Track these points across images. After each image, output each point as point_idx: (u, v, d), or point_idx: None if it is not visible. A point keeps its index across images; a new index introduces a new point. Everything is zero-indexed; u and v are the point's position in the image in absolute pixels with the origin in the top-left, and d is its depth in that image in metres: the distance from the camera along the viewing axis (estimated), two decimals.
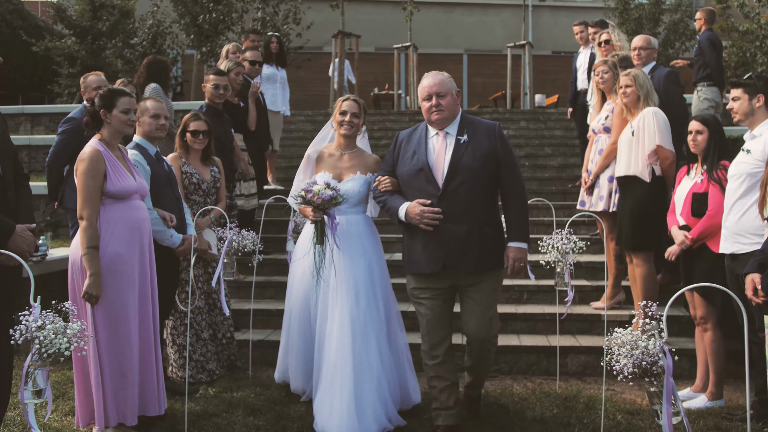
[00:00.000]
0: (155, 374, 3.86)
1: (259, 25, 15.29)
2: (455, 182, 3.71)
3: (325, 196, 3.87)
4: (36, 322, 2.67)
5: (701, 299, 4.34)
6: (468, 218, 3.71)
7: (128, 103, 3.87)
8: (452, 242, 3.71)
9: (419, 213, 3.71)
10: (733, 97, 4.12)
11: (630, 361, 2.54)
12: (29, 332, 2.63)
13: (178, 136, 4.80)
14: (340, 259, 4.06)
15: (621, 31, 16.02)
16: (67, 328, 2.72)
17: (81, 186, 3.68)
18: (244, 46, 7.82)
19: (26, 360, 2.65)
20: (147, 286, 3.87)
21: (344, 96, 4.39)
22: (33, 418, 2.70)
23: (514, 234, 3.80)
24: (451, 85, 3.88)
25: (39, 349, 2.62)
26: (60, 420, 4.02)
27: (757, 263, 2.99)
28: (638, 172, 5.04)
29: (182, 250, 4.30)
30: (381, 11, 22.13)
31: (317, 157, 4.37)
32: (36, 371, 2.62)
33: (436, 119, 3.82)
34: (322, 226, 3.99)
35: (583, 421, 4.07)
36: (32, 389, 2.59)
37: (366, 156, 4.40)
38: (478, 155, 3.75)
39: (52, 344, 2.65)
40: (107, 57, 14.97)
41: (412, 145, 3.91)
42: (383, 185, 3.96)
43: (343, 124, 4.27)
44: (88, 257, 3.53)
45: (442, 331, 3.88)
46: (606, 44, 6.70)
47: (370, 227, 4.30)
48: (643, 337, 2.57)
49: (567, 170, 9.10)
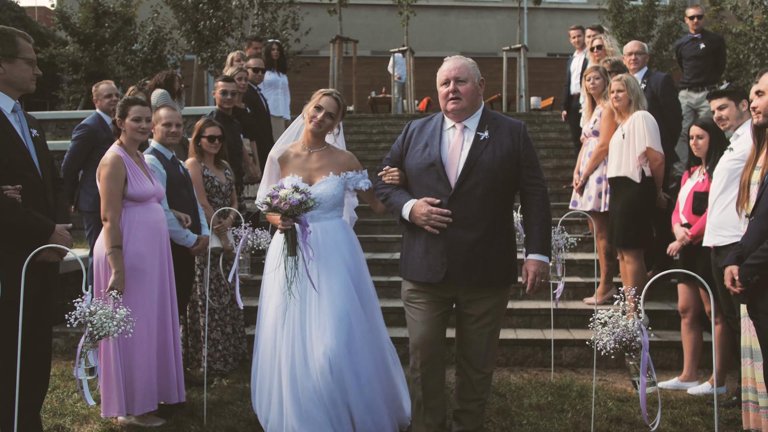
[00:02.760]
0: (174, 365, 4.10)
1: (258, 31, 15.54)
2: (470, 183, 3.30)
3: (294, 201, 3.41)
4: (89, 307, 2.95)
5: (707, 296, 4.55)
6: (480, 225, 3.31)
7: (139, 111, 4.11)
8: (458, 250, 3.31)
9: (426, 213, 3.31)
10: (719, 106, 4.29)
11: (611, 338, 2.87)
12: (83, 317, 2.91)
13: (193, 141, 5.04)
14: (316, 272, 3.63)
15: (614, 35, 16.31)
16: (115, 314, 3.00)
17: (104, 189, 3.93)
18: (247, 53, 8.07)
19: (80, 341, 2.92)
20: (165, 283, 4.12)
21: (327, 89, 3.91)
22: (87, 392, 3.00)
23: (535, 245, 3.36)
24: (474, 72, 3.44)
25: (91, 332, 2.91)
26: (86, 407, 4.27)
27: (734, 256, 3.24)
28: (629, 173, 5.30)
29: (197, 249, 4.56)
30: (377, 15, 22.39)
31: (281, 159, 3.89)
32: (88, 351, 2.90)
33: (452, 108, 3.38)
34: (293, 235, 3.54)
35: (576, 407, 4.33)
36: (85, 367, 2.88)
37: (337, 153, 3.92)
38: (498, 155, 3.34)
39: (103, 327, 2.94)
40: (110, 63, 15.24)
41: (425, 136, 3.49)
42: (389, 176, 3.51)
43: (314, 120, 3.80)
44: (112, 256, 3.78)
45: (433, 346, 3.44)
46: (598, 49, 6.92)
47: (348, 234, 3.86)
48: (623, 317, 2.87)
49: (562, 171, 9.38)
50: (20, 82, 3.31)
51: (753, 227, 3.15)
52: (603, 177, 5.64)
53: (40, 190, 3.31)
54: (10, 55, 3.25)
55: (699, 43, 7.74)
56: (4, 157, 3.18)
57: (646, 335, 2.84)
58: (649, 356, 2.85)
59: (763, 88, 3.26)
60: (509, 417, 4.18)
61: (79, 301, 2.96)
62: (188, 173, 4.81)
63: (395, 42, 18.63)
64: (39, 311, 3.28)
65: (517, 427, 4.04)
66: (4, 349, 3.15)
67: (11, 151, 3.21)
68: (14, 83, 3.30)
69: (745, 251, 3.14)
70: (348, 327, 3.57)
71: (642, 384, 2.82)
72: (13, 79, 3.29)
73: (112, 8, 15.40)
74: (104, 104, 5.92)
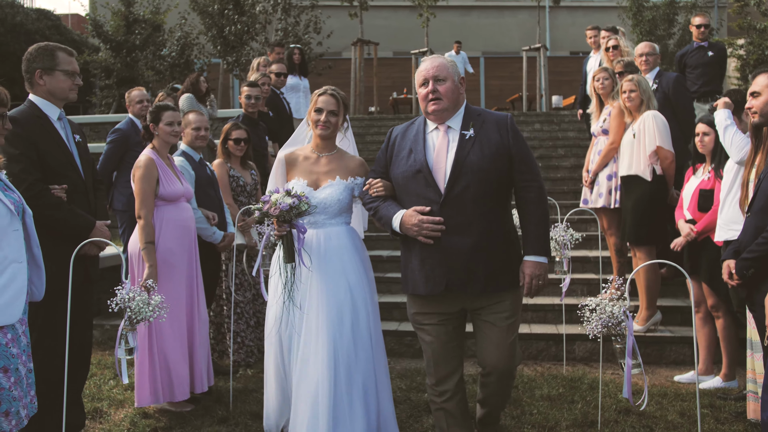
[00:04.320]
0: (202, 354, 4.37)
1: (281, 35, 15.87)
2: (460, 186, 3.14)
3: (284, 206, 3.26)
4: (128, 294, 3.24)
5: (708, 289, 4.70)
6: (475, 229, 3.15)
7: (171, 116, 4.39)
8: (456, 258, 3.15)
9: (417, 223, 3.15)
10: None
11: (598, 322, 3.09)
12: (123, 302, 3.20)
13: (220, 143, 5.31)
14: (314, 280, 3.48)
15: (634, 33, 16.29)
16: (151, 300, 3.29)
17: (138, 190, 4.20)
18: (270, 58, 8.35)
19: (120, 325, 3.21)
20: (193, 277, 4.39)
21: (320, 89, 3.73)
22: (125, 370, 3.27)
23: (532, 246, 3.22)
24: (453, 69, 3.30)
25: (130, 316, 3.20)
26: (122, 393, 4.59)
27: (732, 251, 3.39)
28: (640, 171, 5.44)
29: (223, 245, 4.82)
30: (398, 16, 22.60)
31: (290, 161, 3.73)
32: (127, 333, 3.19)
33: (433, 109, 3.23)
34: (290, 240, 3.38)
35: (586, 398, 4.50)
36: (125, 347, 3.18)
37: (347, 158, 3.75)
38: (486, 153, 3.17)
39: (140, 312, 3.23)
40: (140, 68, 15.70)
41: (408, 141, 3.33)
42: (374, 189, 3.37)
43: (319, 124, 3.63)
44: (146, 251, 4.05)
45: (451, 362, 3.35)
46: (614, 49, 7.05)
47: (353, 240, 3.65)
48: (609, 303, 3.09)
49: (579, 170, 9.44)
50: (60, 93, 3.58)
51: (749, 222, 3.31)
52: (613, 174, 5.79)
53: (82, 190, 3.59)
54: (49, 68, 3.53)
55: (707, 52, 7.64)
56: (51, 160, 3.47)
57: (630, 321, 3.03)
58: (634, 340, 3.04)
59: (758, 89, 3.40)
60: (520, 407, 4.37)
61: (119, 289, 3.25)
62: (215, 174, 5.08)
63: (416, 43, 18.83)
64: (81, 300, 3.56)
65: (528, 416, 4.22)
66: (52, 334, 3.43)
67: (57, 154, 3.50)
68: (55, 94, 3.58)
69: (742, 246, 3.30)
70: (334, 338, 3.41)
71: (627, 366, 3.01)
72: (54, 90, 3.57)
73: (143, 16, 15.83)
74: (136, 109, 6.23)
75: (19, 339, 2.74)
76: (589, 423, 4.07)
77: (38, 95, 3.55)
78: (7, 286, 2.68)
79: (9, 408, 2.64)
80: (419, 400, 4.45)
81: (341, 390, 3.38)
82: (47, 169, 3.46)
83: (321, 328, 3.42)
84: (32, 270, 2.88)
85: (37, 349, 3.39)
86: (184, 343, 4.22)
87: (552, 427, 4.03)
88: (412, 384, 4.79)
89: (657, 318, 5.52)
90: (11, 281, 2.70)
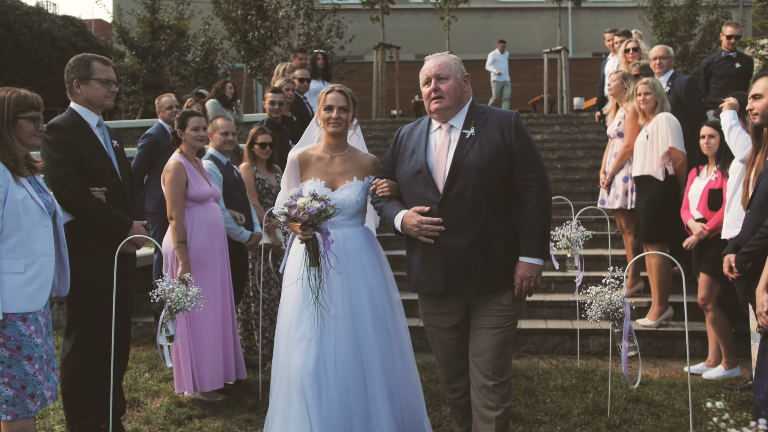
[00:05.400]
0: (233, 347, 4.63)
1: (304, 40, 16.17)
2: (458, 186, 3.14)
3: (313, 210, 3.19)
4: (168, 286, 3.52)
5: (705, 282, 4.87)
6: (473, 229, 3.13)
7: (197, 122, 4.67)
8: (453, 258, 3.16)
9: (416, 224, 3.17)
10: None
11: (599, 308, 3.30)
12: (163, 294, 3.48)
13: (247, 147, 5.57)
14: (336, 283, 3.42)
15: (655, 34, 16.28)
16: (189, 292, 3.56)
17: (168, 192, 4.48)
18: (294, 64, 8.62)
19: (161, 314, 3.49)
20: (224, 273, 4.65)
21: (328, 87, 3.70)
22: (167, 355, 3.56)
23: (526, 247, 3.16)
24: (456, 67, 3.27)
25: (170, 306, 3.47)
26: (157, 385, 4.87)
27: (732, 245, 3.57)
28: (653, 171, 5.61)
29: (250, 244, 5.07)
30: (420, 19, 22.79)
31: (302, 162, 3.66)
32: (168, 322, 3.46)
33: (435, 108, 3.23)
34: (315, 244, 3.30)
35: (598, 389, 4.68)
36: (165, 335, 3.46)
37: (361, 156, 3.72)
38: (485, 152, 3.14)
39: (179, 303, 3.50)
40: (165, 74, 16.11)
41: (412, 141, 3.34)
42: (380, 189, 3.40)
43: (330, 122, 3.59)
44: (179, 250, 4.33)
45: (461, 361, 3.37)
46: (634, 51, 7.20)
47: (370, 241, 3.65)
48: (609, 292, 3.30)
49: (597, 172, 9.54)
50: (96, 100, 3.85)
51: (748, 219, 3.48)
52: (629, 176, 5.96)
53: (120, 192, 3.87)
54: (85, 78, 3.80)
55: (735, 63, 7.49)
56: (91, 164, 3.74)
57: (627, 307, 3.25)
58: (630, 324, 3.25)
59: (759, 91, 3.57)
60: (534, 396, 4.57)
61: (159, 282, 3.54)
62: (242, 177, 5.35)
63: (438, 45, 19.00)
64: (120, 295, 3.83)
65: (542, 404, 4.41)
66: (94, 327, 3.71)
67: (97, 159, 3.77)
68: (92, 101, 3.85)
69: (742, 240, 3.47)
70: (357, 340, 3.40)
71: (624, 348, 3.22)
72: (90, 98, 3.83)
73: (167, 22, 16.23)
74: (166, 115, 6.52)
75: (41, 329, 3.01)
76: (599, 411, 4.26)
77: (78, 103, 3.82)
78: (36, 276, 2.98)
79: (34, 391, 2.94)
80: (438, 391, 4.66)
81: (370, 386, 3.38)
82: (87, 173, 3.73)
83: (342, 326, 3.39)
84: (59, 268, 3.18)
85: (81, 342, 3.70)
86: (217, 335, 4.49)
87: (564, 415, 4.22)
88: (432, 376, 5.00)
89: (669, 314, 5.67)
90: (40, 273, 3.00)
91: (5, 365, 2.88)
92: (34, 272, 2.97)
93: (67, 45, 18.68)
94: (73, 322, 3.75)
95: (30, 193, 3.00)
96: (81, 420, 3.77)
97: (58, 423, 4.23)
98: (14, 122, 2.99)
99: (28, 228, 2.95)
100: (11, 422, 2.92)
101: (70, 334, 3.77)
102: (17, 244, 2.93)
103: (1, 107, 2.97)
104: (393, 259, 4.45)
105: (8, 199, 2.90)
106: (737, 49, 7.81)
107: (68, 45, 18.70)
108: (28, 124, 3.03)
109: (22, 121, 3.00)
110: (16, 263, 2.92)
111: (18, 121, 3.00)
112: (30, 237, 2.96)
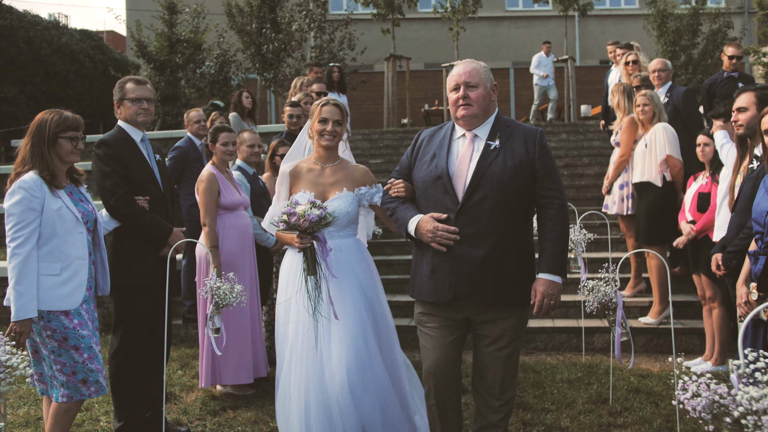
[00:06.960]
0: (260, 345, 5.00)
1: (317, 52, 16.59)
2: (478, 196, 3.10)
3: (313, 217, 3.18)
4: (215, 283, 3.90)
5: (708, 282, 5.20)
6: (489, 241, 3.08)
7: (227, 137, 5.08)
8: (465, 268, 3.10)
9: (431, 230, 3.12)
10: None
11: (595, 299, 3.67)
12: (211, 290, 3.86)
13: (268, 159, 5.95)
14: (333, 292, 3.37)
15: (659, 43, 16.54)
16: (234, 288, 3.93)
17: (202, 201, 4.87)
18: (310, 77, 9.02)
19: (208, 309, 3.87)
20: (252, 277, 5.03)
21: (322, 99, 3.70)
22: (215, 345, 3.93)
23: (547, 264, 3.11)
24: (486, 76, 3.24)
25: (216, 302, 3.84)
26: (190, 380, 5.27)
27: (719, 246, 3.92)
28: (651, 178, 5.97)
29: (276, 248, 5.45)
30: (429, 29, 23.15)
31: (294, 174, 3.67)
32: (214, 316, 3.84)
33: (462, 115, 3.19)
34: (313, 253, 3.29)
35: (601, 381, 5.02)
36: (212, 327, 3.84)
37: (351, 167, 3.73)
38: (509, 165, 3.11)
39: (225, 298, 3.88)
40: (182, 87, 16.57)
41: (433, 146, 3.29)
42: (395, 189, 3.35)
43: (324, 134, 3.61)
44: (212, 254, 4.71)
45: (449, 372, 3.26)
46: (634, 64, 7.58)
47: (362, 253, 3.65)
48: (603, 284, 3.68)
49: (602, 178, 9.87)
50: (131, 118, 4.22)
51: (733, 221, 3.83)
52: (625, 183, 6.31)
53: (161, 201, 4.25)
54: (120, 99, 4.20)
55: (737, 83, 7.50)
56: (135, 175, 4.13)
57: (620, 297, 3.63)
58: (623, 313, 3.64)
59: (744, 105, 3.93)
60: (542, 388, 4.92)
61: (207, 280, 3.95)
62: (266, 186, 5.73)
63: (447, 54, 19.40)
64: (162, 296, 4.23)
65: (549, 395, 4.76)
66: (139, 324, 4.09)
67: (141, 171, 4.17)
68: (128, 120, 4.23)
69: (727, 241, 3.82)
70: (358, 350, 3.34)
71: (617, 334, 3.59)
72: (126, 117, 4.22)
73: (184, 36, 16.71)
74: (194, 129, 6.92)
75: (85, 323, 3.39)
76: (602, 400, 4.61)
77: (123, 121, 4.22)
78: (71, 278, 3.38)
79: (86, 377, 3.33)
80: None
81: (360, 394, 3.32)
82: (133, 184, 4.13)
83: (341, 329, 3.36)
84: (99, 269, 3.57)
85: (127, 338, 4.08)
86: (247, 333, 4.86)
87: (569, 404, 4.57)
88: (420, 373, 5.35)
89: (668, 312, 5.99)
90: (75, 275, 3.40)
91: (56, 354, 3.30)
92: (69, 274, 3.36)
93: (85, 58, 19.25)
94: (120, 319, 4.14)
95: (65, 204, 3.39)
96: (128, 409, 4.16)
97: (103, 414, 4.62)
98: (54, 141, 3.39)
99: (63, 235, 3.35)
100: (64, 403, 3.31)
101: (117, 331, 4.15)
102: (53, 249, 3.33)
103: (43, 128, 3.38)
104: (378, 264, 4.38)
105: (45, 209, 3.29)
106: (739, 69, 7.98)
107: (86, 58, 19.27)
108: (67, 143, 3.42)
109: (61, 140, 3.40)
110: (52, 266, 3.33)
111: (58, 140, 3.39)
112: (65, 243, 3.35)
